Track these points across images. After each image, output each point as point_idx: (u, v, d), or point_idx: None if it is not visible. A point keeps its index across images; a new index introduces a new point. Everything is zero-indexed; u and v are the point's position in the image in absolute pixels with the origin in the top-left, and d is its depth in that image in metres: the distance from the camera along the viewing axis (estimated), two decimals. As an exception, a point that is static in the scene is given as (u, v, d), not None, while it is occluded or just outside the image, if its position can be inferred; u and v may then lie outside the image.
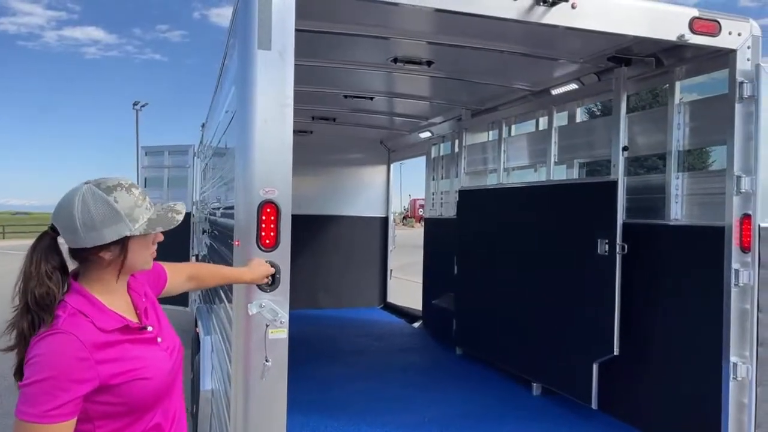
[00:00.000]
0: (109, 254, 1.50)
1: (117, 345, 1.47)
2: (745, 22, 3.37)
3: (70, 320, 1.43)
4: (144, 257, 1.58)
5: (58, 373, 1.36)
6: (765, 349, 3.34)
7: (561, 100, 5.04)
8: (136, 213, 1.51)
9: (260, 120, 2.49)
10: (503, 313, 5.36)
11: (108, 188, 1.50)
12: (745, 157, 3.34)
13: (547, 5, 2.92)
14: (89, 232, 1.46)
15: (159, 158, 8.63)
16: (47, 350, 1.38)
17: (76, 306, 1.46)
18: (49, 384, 1.35)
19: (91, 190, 1.49)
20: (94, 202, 1.47)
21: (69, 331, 1.40)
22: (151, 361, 1.53)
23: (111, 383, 1.43)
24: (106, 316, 1.49)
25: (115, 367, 1.44)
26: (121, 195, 1.50)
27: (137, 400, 1.49)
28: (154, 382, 1.52)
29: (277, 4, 2.50)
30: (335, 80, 5.32)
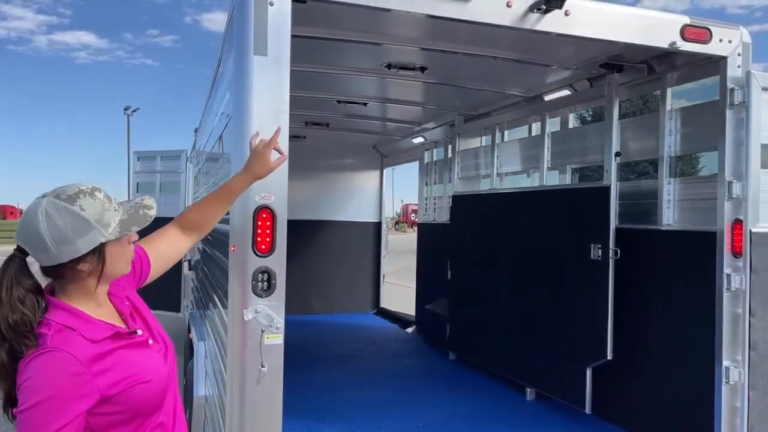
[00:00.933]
0: (87, 265, 1.44)
1: (111, 354, 1.43)
2: (736, 30, 3.42)
3: (59, 336, 1.37)
4: (123, 261, 1.54)
5: (55, 393, 1.31)
6: (757, 353, 3.37)
7: (554, 106, 5.07)
8: (106, 217, 1.45)
9: (256, 125, 2.49)
10: (497, 317, 5.37)
11: (70, 197, 1.42)
12: (736, 162, 3.37)
13: (541, 12, 2.94)
14: (62, 246, 1.39)
15: (151, 163, 8.59)
16: (40, 371, 1.33)
17: (61, 321, 1.40)
18: (47, 405, 1.30)
19: (53, 203, 1.41)
20: (59, 214, 1.40)
21: (60, 347, 1.35)
22: (147, 365, 1.51)
23: (111, 393, 1.40)
24: (93, 326, 1.44)
25: (113, 377, 1.41)
26: (86, 201, 1.43)
27: (140, 404, 1.47)
28: (154, 384, 1.49)
29: (273, 10, 2.51)
30: (329, 86, 5.33)
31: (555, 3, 2.90)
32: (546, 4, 2.90)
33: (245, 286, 2.51)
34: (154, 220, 1.59)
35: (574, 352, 4.38)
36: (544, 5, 2.90)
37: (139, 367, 1.47)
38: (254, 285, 2.51)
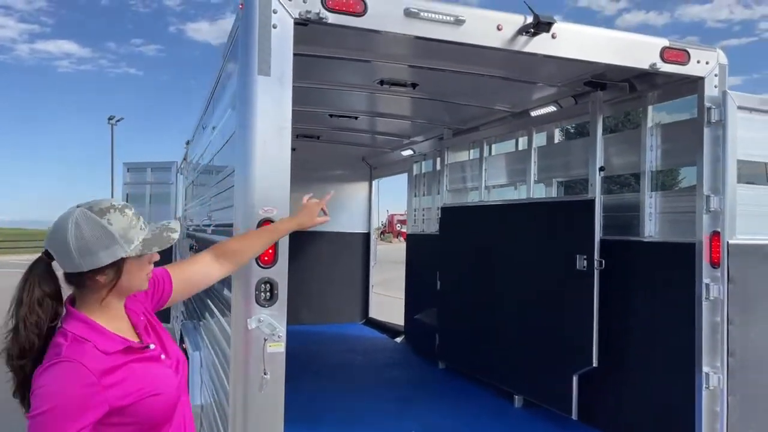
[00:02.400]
0: (104, 277, 1.49)
1: (123, 366, 1.47)
2: (713, 52, 3.60)
3: (74, 347, 1.42)
4: (139, 278, 1.58)
5: (66, 402, 1.36)
6: (735, 359, 3.52)
7: (540, 121, 5.24)
8: (131, 234, 1.51)
9: (260, 142, 2.61)
10: (485, 327, 5.50)
11: (101, 210, 1.49)
12: (713, 177, 3.54)
13: (530, 35, 3.10)
14: (84, 256, 1.45)
15: (141, 174, 8.66)
16: (53, 380, 1.38)
17: (77, 332, 1.45)
18: (58, 413, 1.35)
19: (84, 214, 1.48)
20: (88, 225, 1.46)
21: (74, 358, 1.40)
22: (158, 378, 1.55)
23: (121, 404, 1.44)
24: (107, 338, 1.49)
25: (123, 389, 1.45)
26: (115, 217, 1.49)
27: (149, 417, 1.51)
28: (164, 397, 1.53)
29: (276, 32, 2.64)
30: (322, 100, 5.45)
31: (543, 27, 3.05)
32: (534, 28, 3.05)
33: (248, 296, 2.60)
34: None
35: (561, 360, 4.51)
36: (532, 29, 3.05)
37: (149, 380, 1.52)
38: (257, 295, 2.61)
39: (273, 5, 2.62)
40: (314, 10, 2.69)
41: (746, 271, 3.53)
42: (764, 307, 3.60)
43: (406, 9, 2.85)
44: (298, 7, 2.67)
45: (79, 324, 1.48)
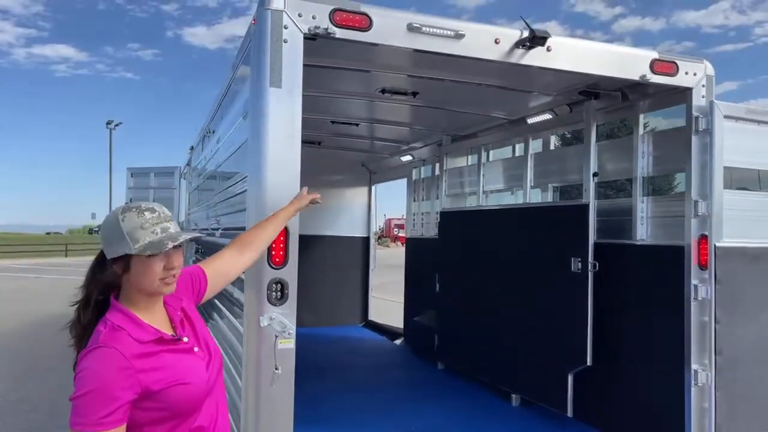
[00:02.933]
0: (117, 268, 1.64)
1: (154, 355, 1.61)
2: (700, 63, 3.78)
3: (110, 334, 1.58)
4: (150, 279, 1.64)
5: (104, 383, 1.50)
6: (722, 357, 3.68)
7: (536, 128, 5.41)
8: (138, 234, 1.61)
9: (272, 149, 2.77)
10: (483, 328, 5.65)
11: (125, 208, 1.67)
12: (701, 183, 3.71)
13: (526, 48, 3.26)
14: (106, 245, 1.66)
15: (145, 179, 8.80)
16: (92, 364, 1.53)
17: (115, 321, 1.62)
18: (97, 394, 1.49)
19: (114, 212, 1.68)
20: (110, 221, 1.65)
21: (110, 344, 1.55)
22: (188, 368, 1.66)
23: (152, 389, 1.57)
24: (140, 329, 1.63)
25: (154, 375, 1.58)
26: (130, 215, 1.63)
27: (178, 404, 1.62)
28: (193, 387, 1.64)
29: (287, 47, 2.80)
30: (325, 108, 5.61)
31: (538, 41, 3.22)
32: (530, 42, 3.22)
33: (261, 296, 2.75)
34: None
35: (556, 359, 4.67)
36: (528, 42, 3.22)
37: (179, 369, 1.64)
38: (269, 294, 2.76)
39: (284, 21, 2.79)
40: (323, 26, 2.86)
41: (732, 272, 3.70)
42: (749, 307, 3.76)
43: (409, 24, 3.02)
44: (308, 23, 2.84)
45: (118, 314, 1.64)
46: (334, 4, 2.88)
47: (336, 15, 2.87)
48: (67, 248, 39.07)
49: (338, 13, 2.87)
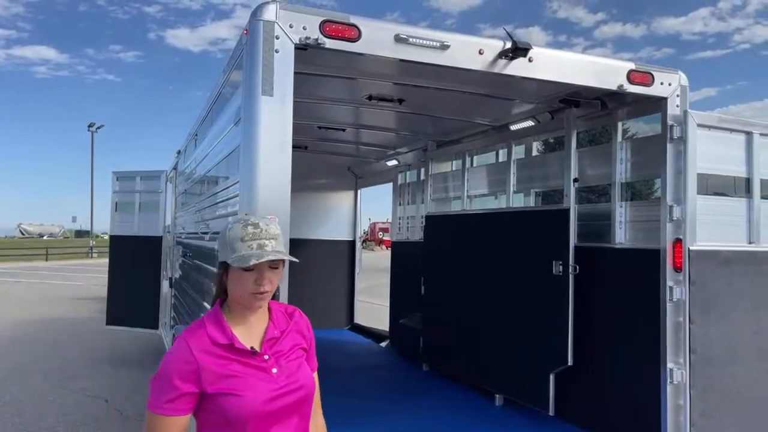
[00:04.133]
0: (221, 273, 1.72)
1: (224, 359, 1.64)
2: (675, 74, 3.94)
3: (192, 329, 1.69)
4: (240, 290, 1.67)
5: (168, 372, 1.61)
6: (696, 356, 3.83)
7: (519, 135, 5.55)
8: (236, 245, 1.65)
9: (263, 156, 2.86)
10: (467, 330, 5.77)
11: (237, 219, 1.73)
12: (676, 189, 3.86)
13: (508, 59, 3.39)
14: (218, 249, 1.73)
15: (130, 183, 8.78)
16: (170, 351, 1.66)
17: (205, 318, 1.72)
18: (161, 380, 1.60)
19: (231, 221, 1.75)
20: (224, 227, 1.75)
21: (186, 337, 1.66)
22: (250, 383, 1.64)
23: (208, 391, 1.60)
24: (220, 331, 1.67)
25: (214, 377, 1.61)
26: (236, 227, 1.68)
27: (228, 414, 1.61)
28: (245, 401, 1.62)
29: (278, 56, 2.89)
30: (312, 113, 5.70)
31: (520, 52, 3.35)
32: (512, 53, 3.35)
33: None
34: (139, 239, 1.88)
35: (539, 359, 4.80)
36: (511, 53, 3.35)
37: (241, 381, 1.64)
38: None
39: (276, 32, 2.88)
40: (313, 36, 2.95)
41: (706, 274, 3.85)
42: (722, 308, 3.92)
43: (396, 35, 3.13)
44: (299, 34, 2.93)
45: (211, 313, 1.74)
46: (324, 16, 2.98)
47: (326, 26, 2.97)
48: (48, 252, 38.60)
49: (328, 24, 2.97)
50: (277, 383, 1.69)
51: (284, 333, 1.79)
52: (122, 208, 8.88)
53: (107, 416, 6.02)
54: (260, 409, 1.64)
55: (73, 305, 15.11)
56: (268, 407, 1.65)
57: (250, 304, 1.70)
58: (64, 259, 38.28)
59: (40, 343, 9.94)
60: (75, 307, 14.80)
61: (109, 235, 9.20)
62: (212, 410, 1.63)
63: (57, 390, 6.94)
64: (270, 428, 1.66)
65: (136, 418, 5.98)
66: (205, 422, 1.65)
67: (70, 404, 6.39)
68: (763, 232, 4.16)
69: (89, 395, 6.74)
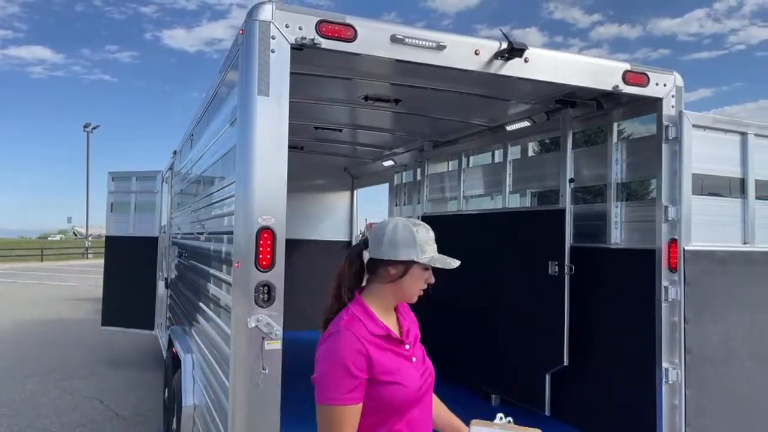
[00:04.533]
0: (394, 270, 1.86)
1: (382, 349, 1.78)
2: (670, 75, 3.95)
3: (350, 321, 1.79)
4: (416, 287, 1.91)
5: (343, 362, 1.69)
6: (691, 356, 3.84)
7: (515, 135, 5.56)
8: (426, 248, 1.89)
9: (259, 156, 2.85)
10: (463, 330, 5.77)
11: (414, 224, 1.92)
12: (671, 189, 3.87)
13: (504, 59, 3.39)
14: (389, 247, 1.86)
15: (126, 184, 8.77)
16: (333, 345, 1.73)
17: (355, 312, 1.83)
18: (338, 372, 1.68)
19: (404, 222, 1.92)
20: (403, 229, 1.88)
21: (348, 328, 1.76)
22: (405, 372, 1.81)
23: (375, 379, 1.73)
24: (375, 323, 1.83)
25: (379, 366, 1.75)
26: (422, 231, 1.91)
27: (389, 401, 1.76)
28: (406, 391, 1.78)
29: (274, 56, 2.89)
30: (308, 113, 5.70)
31: (516, 52, 3.35)
32: (508, 53, 3.35)
33: (248, 298, 2.83)
34: (134, 240, 1.90)
35: (534, 359, 4.81)
36: (506, 54, 3.35)
37: (399, 369, 1.80)
38: (256, 297, 2.84)
39: (272, 32, 2.88)
40: (309, 36, 2.95)
41: (701, 275, 3.87)
42: (717, 308, 3.93)
43: (392, 35, 3.13)
44: (295, 34, 2.93)
45: (358, 307, 1.86)
46: (320, 16, 2.98)
47: (322, 26, 2.97)
48: (43, 252, 38.46)
49: (324, 24, 2.97)
50: (418, 370, 1.88)
51: (410, 323, 1.98)
52: (118, 209, 8.87)
53: (103, 417, 6.01)
54: (413, 395, 1.82)
55: (69, 306, 15.07)
56: (418, 393, 1.84)
57: (413, 299, 1.93)
58: (60, 259, 38.16)
59: (35, 344, 9.91)
60: (70, 307, 14.75)
61: (105, 235, 9.19)
62: (373, 397, 1.74)
63: (52, 391, 6.92)
64: (413, 411, 1.83)
65: (132, 418, 5.97)
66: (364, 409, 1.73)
67: (65, 405, 6.38)
68: (758, 233, 4.18)
69: (85, 396, 6.72)
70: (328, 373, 1.70)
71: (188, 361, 4.37)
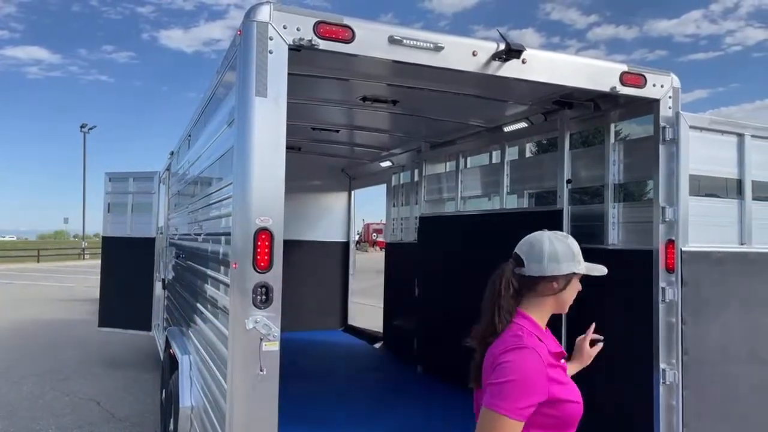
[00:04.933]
0: (556, 284, 1.86)
1: (557, 368, 1.78)
2: (667, 76, 3.95)
3: (530, 340, 1.76)
4: (572, 297, 1.93)
5: (524, 378, 1.67)
6: (689, 356, 3.84)
7: (512, 136, 5.56)
8: (580, 258, 1.92)
9: (257, 157, 2.85)
10: (461, 331, 5.76)
11: (564, 236, 1.94)
12: (668, 190, 3.88)
13: (502, 60, 3.39)
14: (551, 262, 1.85)
15: (123, 184, 8.75)
16: (517, 359, 1.70)
17: (530, 329, 1.81)
18: (519, 385, 1.67)
19: (555, 235, 1.93)
20: (559, 242, 1.88)
21: (533, 348, 1.73)
22: (573, 388, 1.82)
23: (555, 398, 1.72)
24: (549, 340, 1.84)
25: (558, 385, 1.74)
26: (573, 241, 1.93)
27: (567, 418, 1.76)
28: (578, 407, 1.79)
29: (272, 57, 2.88)
30: (306, 114, 5.70)
31: (514, 54, 3.35)
32: (506, 54, 3.35)
33: (246, 299, 2.83)
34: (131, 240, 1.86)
35: (532, 360, 4.79)
36: (504, 55, 3.35)
37: (573, 388, 1.80)
38: (254, 298, 2.83)
39: (270, 33, 2.87)
40: (307, 38, 2.95)
41: (698, 275, 3.87)
42: (714, 309, 3.93)
43: (390, 37, 3.13)
44: (293, 35, 2.93)
45: (530, 323, 1.84)
46: (318, 17, 2.98)
47: (320, 27, 2.97)
48: (39, 254, 38.37)
49: (322, 25, 2.97)
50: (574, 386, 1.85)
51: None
52: (115, 210, 8.85)
53: (100, 418, 5.99)
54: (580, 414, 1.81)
55: (65, 307, 15.03)
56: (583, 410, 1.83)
57: (567, 308, 1.95)
58: (56, 260, 38.06)
59: (31, 345, 9.88)
60: (67, 308, 14.72)
61: (102, 236, 9.16)
62: (549, 414, 1.73)
63: (49, 392, 6.90)
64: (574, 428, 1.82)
65: (129, 420, 5.96)
66: (535, 424, 1.72)
67: (62, 406, 6.36)
68: (755, 234, 4.19)
69: (81, 397, 6.70)
70: (511, 384, 1.68)
71: (186, 362, 4.36)
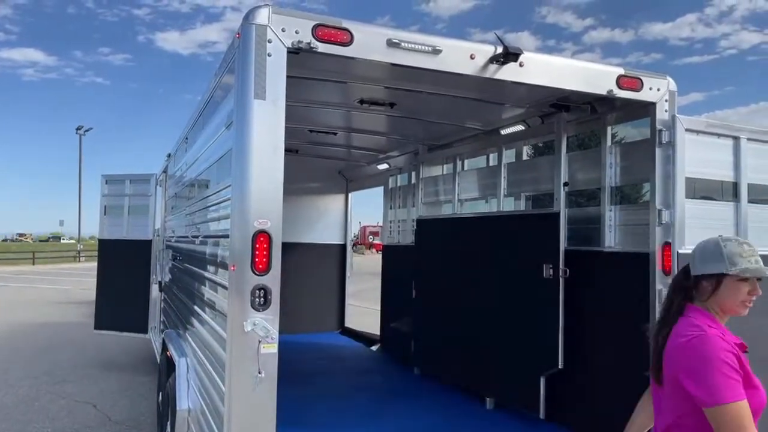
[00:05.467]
0: (706, 283, 1.96)
1: (739, 356, 1.84)
2: (663, 79, 3.97)
3: (711, 329, 1.87)
4: (734, 300, 1.96)
5: (724, 360, 1.76)
6: (685, 358, 3.86)
7: (509, 139, 5.58)
8: (737, 260, 1.94)
9: (256, 160, 2.86)
10: (458, 333, 5.78)
11: (724, 239, 2.00)
12: (664, 193, 3.90)
13: (499, 64, 3.41)
14: (698, 262, 2.01)
15: (120, 187, 8.74)
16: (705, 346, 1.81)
17: (705, 321, 1.92)
18: (723, 371, 1.75)
19: (716, 239, 2.02)
20: (711, 245, 1.99)
21: (716, 335, 1.84)
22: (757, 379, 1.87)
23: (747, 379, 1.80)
24: (725, 332, 1.92)
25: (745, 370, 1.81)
26: (731, 244, 1.97)
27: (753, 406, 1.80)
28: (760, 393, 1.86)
29: (270, 60, 2.89)
30: (303, 117, 5.71)
31: (511, 57, 3.37)
32: (504, 58, 3.37)
33: (244, 302, 2.83)
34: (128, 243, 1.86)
35: (529, 363, 4.82)
36: (502, 58, 3.37)
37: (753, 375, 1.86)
38: (252, 300, 2.84)
39: (268, 36, 2.88)
40: (305, 40, 2.96)
41: (694, 278, 3.88)
42: (710, 311, 3.95)
43: (388, 40, 3.14)
44: (291, 38, 2.94)
45: (703, 316, 1.96)
46: (316, 20, 2.99)
47: (318, 30, 2.98)
48: (35, 256, 38.23)
49: (320, 28, 2.98)
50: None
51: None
52: (111, 212, 8.83)
53: (96, 422, 5.98)
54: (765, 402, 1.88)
55: (61, 309, 14.98)
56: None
57: (738, 310, 1.99)
58: (52, 263, 37.94)
59: (27, 347, 9.85)
60: (63, 311, 14.67)
61: (98, 238, 9.15)
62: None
63: (45, 395, 6.87)
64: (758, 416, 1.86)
65: (126, 423, 5.94)
66: None
67: (58, 409, 6.34)
68: (751, 236, 4.20)
69: (77, 400, 6.68)
70: (712, 373, 1.76)
71: (183, 365, 4.35)
